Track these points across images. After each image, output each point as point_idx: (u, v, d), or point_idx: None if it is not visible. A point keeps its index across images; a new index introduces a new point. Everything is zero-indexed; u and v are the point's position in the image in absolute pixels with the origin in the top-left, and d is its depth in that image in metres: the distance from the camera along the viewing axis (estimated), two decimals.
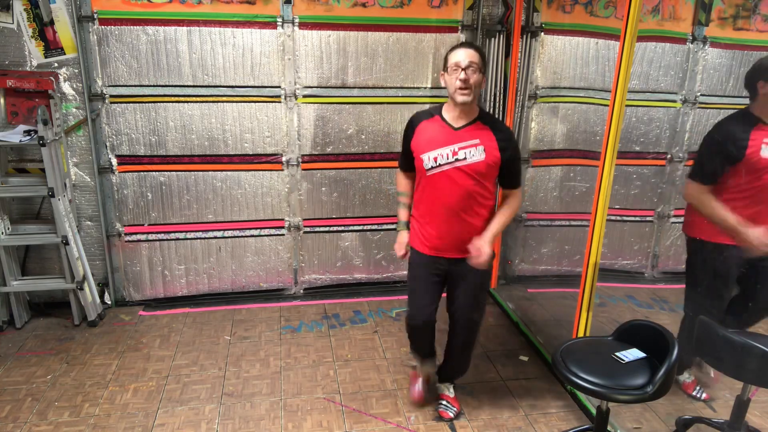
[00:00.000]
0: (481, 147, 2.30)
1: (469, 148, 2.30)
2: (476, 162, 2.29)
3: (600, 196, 2.47)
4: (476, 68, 2.24)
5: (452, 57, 2.26)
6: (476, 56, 2.25)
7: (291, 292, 4.05)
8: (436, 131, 2.36)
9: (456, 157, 2.30)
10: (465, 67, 2.22)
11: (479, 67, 2.25)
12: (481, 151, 2.29)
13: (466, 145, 2.30)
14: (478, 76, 2.25)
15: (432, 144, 2.34)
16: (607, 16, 3.43)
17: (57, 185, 3.28)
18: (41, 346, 3.32)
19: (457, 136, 2.32)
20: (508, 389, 2.96)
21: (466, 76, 2.22)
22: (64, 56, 3.37)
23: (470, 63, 2.22)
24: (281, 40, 3.55)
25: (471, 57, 2.23)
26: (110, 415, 2.70)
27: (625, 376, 1.94)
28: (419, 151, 2.37)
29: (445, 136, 2.33)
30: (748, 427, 2.34)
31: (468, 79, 2.22)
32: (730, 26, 3.64)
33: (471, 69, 2.23)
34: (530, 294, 4.06)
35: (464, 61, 2.22)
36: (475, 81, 2.24)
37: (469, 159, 2.29)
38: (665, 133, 3.85)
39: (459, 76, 2.22)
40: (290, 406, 2.80)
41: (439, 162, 2.32)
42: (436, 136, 2.35)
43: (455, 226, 2.38)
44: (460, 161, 2.30)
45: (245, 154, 3.70)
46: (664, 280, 4.08)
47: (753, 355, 1.94)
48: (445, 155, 2.31)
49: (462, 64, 2.22)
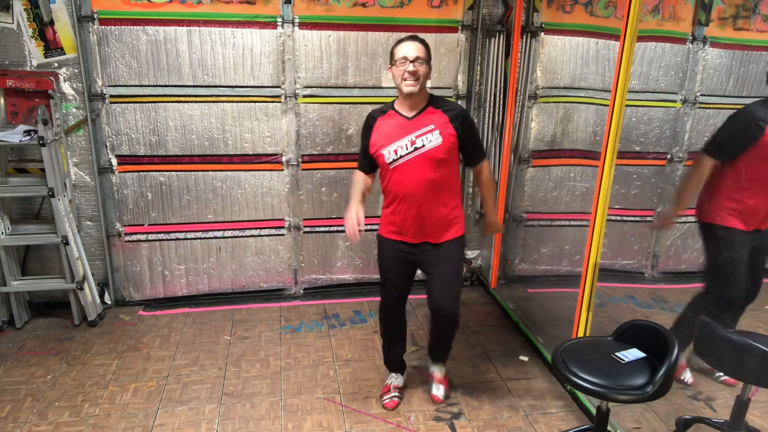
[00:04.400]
0: (437, 131, 2.37)
1: (426, 135, 2.38)
2: (435, 147, 2.37)
3: (600, 196, 2.47)
4: (423, 61, 2.33)
5: (399, 51, 2.35)
6: (422, 50, 2.35)
7: (291, 292, 4.05)
8: (391, 125, 2.44)
9: (414, 146, 2.38)
10: (413, 60, 2.30)
11: (426, 60, 2.35)
12: (437, 135, 2.37)
13: (422, 132, 2.38)
14: (425, 68, 2.35)
15: (389, 138, 2.41)
16: (607, 16, 3.43)
17: (57, 185, 3.28)
18: (41, 346, 3.32)
19: (411, 125, 2.40)
20: (508, 389, 2.96)
21: (414, 69, 2.31)
22: (64, 56, 3.37)
23: (417, 57, 2.32)
24: (281, 40, 3.55)
25: (418, 51, 2.33)
26: (110, 415, 2.71)
27: (625, 376, 1.94)
28: (379, 147, 2.43)
29: (401, 128, 2.41)
30: (748, 427, 2.34)
31: (416, 71, 2.32)
32: (730, 26, 3.64)
33: (418, 62, 2.32)
34: (530, 294, 4.05)
35: (412, 54, 2.31)
36: (423, 72, 2.34)
37: (427, 145, 2.37)
38: (665, 133, 3.85)
39: (407, 68, 2.31)
40: (290, 406, 2.80)
41: (399, 154, 2.39)
42: (392, 129, 2.42)
43: (423, 213, 2.45)
44: (419, 149, 2.37)
45: (245, 154, 3.70)
46: (664, 280, 4.08)
47: (753, 355, 1.94)
48: (404, 146, 2.39)
49: (410, 57, 2.31)
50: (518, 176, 3.98)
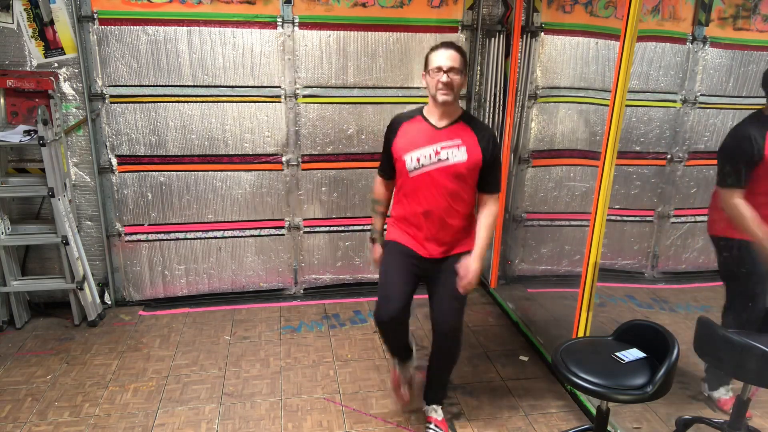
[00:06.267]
0: (464, 147, 2.27)
1: (452, 149, 2.27)
2: (458, 162, 2.27)
3: (600, 196, 2.47)
4: (458, 71, 2.21)
5: (434, 59, 2.23)
6: (458, 59, 2.22)
7: (291, 292, 4.05)
8: (418, 132, 2.33)
9: (438, 157, 2.27)
10: (447, 70, 2.19)
11: (461, 70, 2.22)
12: (463, 151, 2.27)
13: (449, 145, 2.28)
14: (460, 78, 2.23)
15: (414, 144, 2.31)
16: (607, 16, 3.43)
17: (57, 185, 3.28)
18: (41, 346, 3.32)
19: (439, 136, 2.30)
20: (508, 389, 2.96)
21: (448, 80, 2.20)
22: (64, 56, 3.37)
23: (451, 67, 2.20)
24: (281, 40, 3.55)
25: (453, 61, 2.20)
26: (110, 415, 2.71)
27: (625, 376, 1.94)
28: (402, 152, 2.33)
29: (428, 136, 2.30)
30: (748, 427, 2.34)
31: (450, 82, 2.20)
32: (730, 26, 3.63)
33: (453, 72, 2.20)
34: (530, 294, 4.05)
35: (446, 64, 2.19)
36: (457, 83, 2.22)
37: (451, 159, 2.27)
38: (665, 133, 3.85)
39: (441, 79, 2.20)
40: (290, 406, 2.80)
41: (422, 162, 2.29)
42: (418, 136, 2.32)
43: (436, 227, 2.36)
44: (443, 161, 2.27)
45: (245, 154, 3.70)
46: (664, 280, 4.08)
47: (753, 355, 1.94)
48: (427, 155, 2.28)
49: (444, 68, 2.19)
50: (518, 176, 3.98)
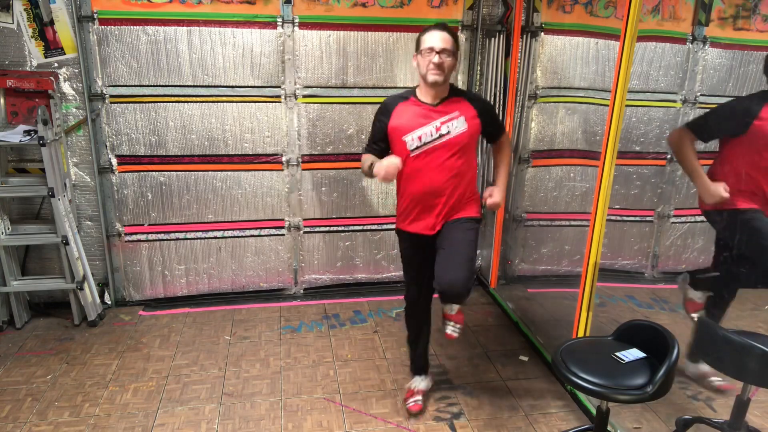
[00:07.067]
0: (462, 117, 2.33)
1: (451, 121, 2.33)
2: (460, 133, 2.33)
3: (600, 196, 2.47)
4: (449, 53, 2.26)
5: (426, 40, 2.28)
6: (450, 41, 2.27)
7: (291, 292, 4.05)
8: (414, 111, 2.37)
9: (440, 133, 2.32)
10: (438, 51, 2.24)
11: (452, 52, 2.28)
12: (462, 121, 2.33)
13: (447, 118, 2.33)
14: (451, 60, 2.28)
15: (413, 124, 2.34)
16: (607, 16, 3.43)
17: (57, 185, 3.28)
18: (41, 346, 3.32)
19: (436, 112, 2.35)
20: (508, 389, 2.96)
21: (440, 60, 2.25)
22: (64, 56, 3.37)
23: (443, 48, 2.25)
24: (281, 40, 3.55)
25: (445, 42, 2.26)
26: (110, 415, 2.70)
27: (625, 376, 1.94)
28: (401, 132, 2.35)
29: (425, 114, 2.34)
30: (748, 427, 2.34)
31: (442, 63, 2.25)
32: (730, 26, 3.63)
33: (444, 53, 2.25)
34: (530, 294, 4.05)
35: (438, 45, 2.25)
36: (448, 65, 2.28)
37: (453, 132, 2.32)
38: (665, 133, 3.84)
39: (432, 60, 2.24)
40: (290, 406, 2.80)
41: (423, 141, 2.33)
42: (415, 116, 2.36)
43: (441, 204, 2.39)
44: (444, 136, 2.32)
45: (245, 154, 3.70)
46: (664, 280, 4.07)
47: (753, 355, 1.94)
48: (428, 133, 2.32)
49: (436, 48, 2.25)
50: (518, 176, 3.97)
